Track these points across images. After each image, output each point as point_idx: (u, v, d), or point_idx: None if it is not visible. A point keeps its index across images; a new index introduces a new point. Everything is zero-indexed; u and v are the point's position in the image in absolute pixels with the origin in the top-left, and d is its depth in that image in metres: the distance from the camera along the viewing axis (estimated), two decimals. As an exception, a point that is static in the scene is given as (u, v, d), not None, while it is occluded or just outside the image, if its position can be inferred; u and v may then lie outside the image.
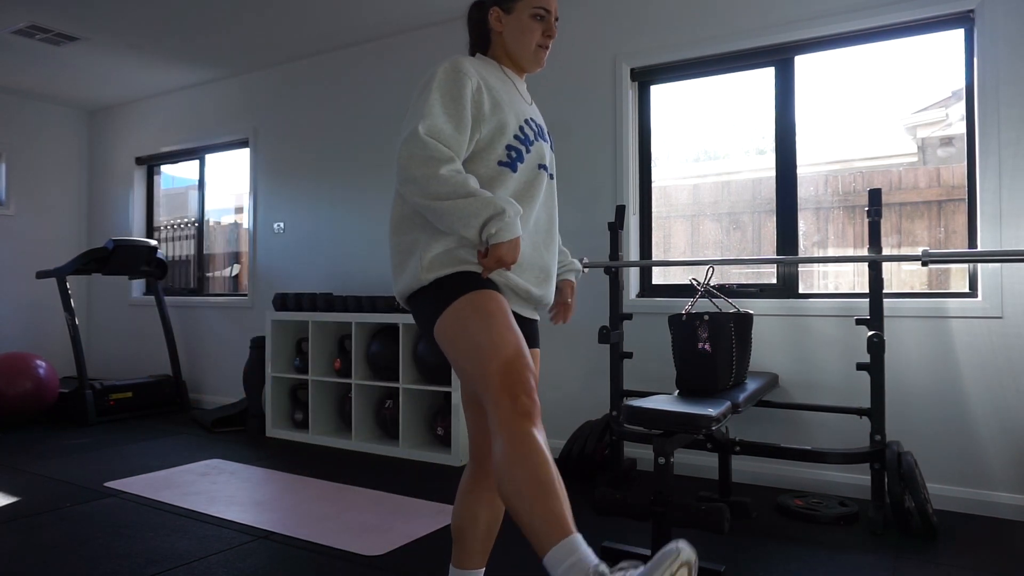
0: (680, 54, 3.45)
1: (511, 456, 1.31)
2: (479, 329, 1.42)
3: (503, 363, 1.38)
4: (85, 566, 2.24)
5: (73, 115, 6.09)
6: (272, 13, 4.07)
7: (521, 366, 1.39)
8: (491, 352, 1.39)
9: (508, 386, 1.36)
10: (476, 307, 1.45)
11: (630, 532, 2.56)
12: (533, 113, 1.71)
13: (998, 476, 2.76)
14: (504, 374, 1.37)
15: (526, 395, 1.36)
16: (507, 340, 1.41)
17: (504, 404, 1.35)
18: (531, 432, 1.33)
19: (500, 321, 1.43)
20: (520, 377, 1.38)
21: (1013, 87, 2.75)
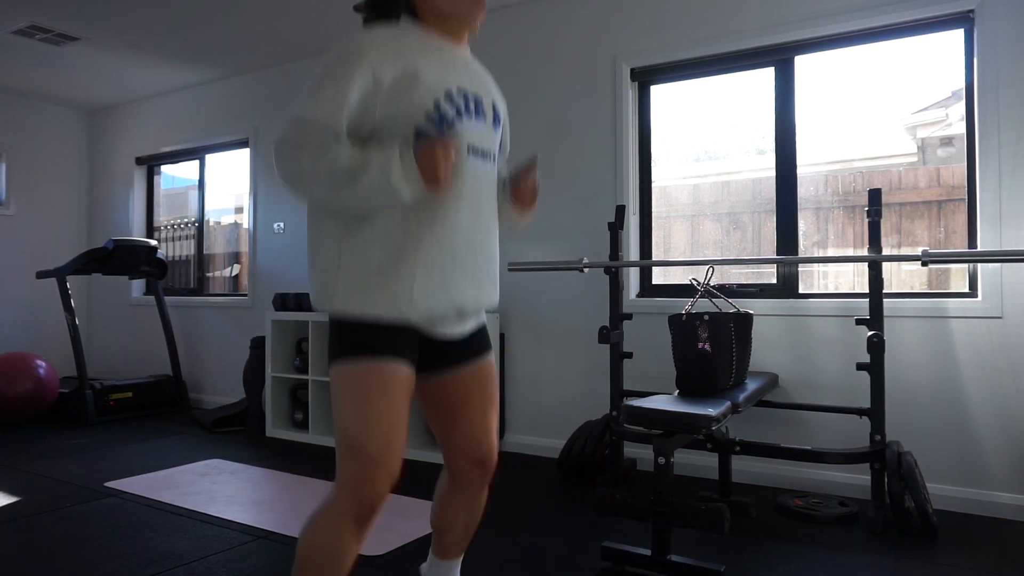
0: (680, 54, 3.45)
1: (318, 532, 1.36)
2: (355, 412, 1.35)
3: (363, 463, 1.35)
4: (85, 566, 2.24)
5: (73, 115, 6.09)
6: (272, 13, 4.07)
7: (377, 474, 1.35)
8: (356, 445, 1.35)
9: (356, 486, 1.35)
10: (362, 385, 1.36)
11: (630, 532, 2.56)
12: (469, 82, 1.48)
13: (998, 476, 2.76)
14: (357, 473, 1.35)
15: (368, 504, 1.35)
16: (375, 437, 1.34)
17: (343, 498, 1.36)
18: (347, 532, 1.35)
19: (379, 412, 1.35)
20: (373, 484, 1.35)
21: (1013, 87, 2.75)
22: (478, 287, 1.50)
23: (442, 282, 1.42)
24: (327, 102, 1.33)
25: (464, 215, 1.45)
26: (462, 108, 1.44)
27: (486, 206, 1.52)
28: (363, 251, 1.38)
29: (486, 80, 1.56)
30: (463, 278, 1.45)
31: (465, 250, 1.45)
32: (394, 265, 1.38)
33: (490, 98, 1.54)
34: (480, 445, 1.58)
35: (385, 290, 1.37)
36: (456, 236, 1.44)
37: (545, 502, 2.92)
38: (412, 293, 1.38)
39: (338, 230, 1.41)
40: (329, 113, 1.32)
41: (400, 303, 1.38)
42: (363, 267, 1.38)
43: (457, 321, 1.51)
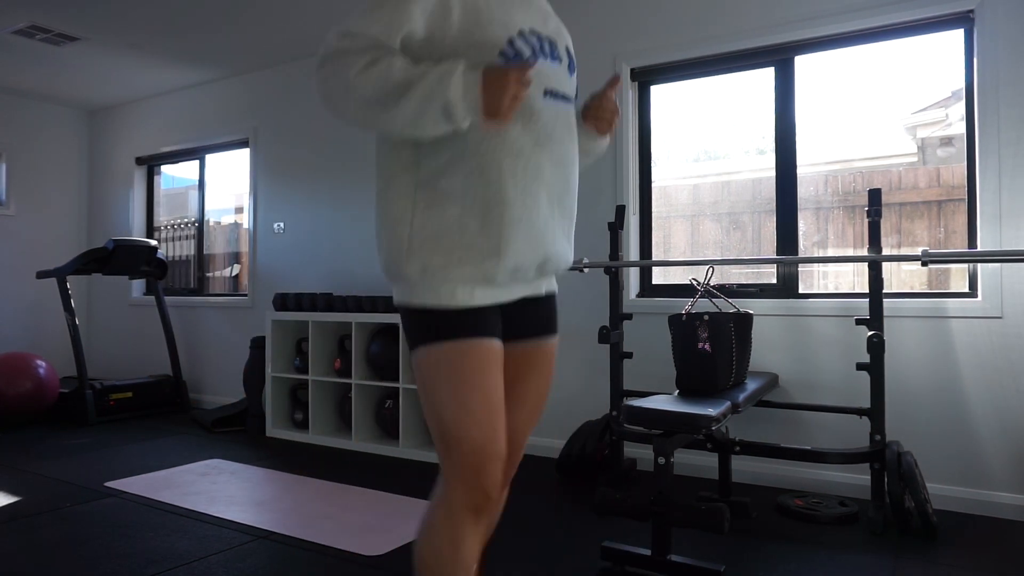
0: (680, 54, 3.45)
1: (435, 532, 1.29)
2: (452, 400, 1.27)
3: (467, 450, 1.27)
4: (85, 566, 2.24)
5: (73, 115, 6.09)
6: (272, 13, 4.07)
7: (484, 458, 1.27)
8: (456, 434, 1.27)
9: (466, 476, 1.28)
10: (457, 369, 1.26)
11: (630, 532, 2.56)
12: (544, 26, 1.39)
13: (998, 476, 2.76)
14: (466, 464, 1.27)
15: (483, 493, 1.28)
16: (479, 423, 1.26)
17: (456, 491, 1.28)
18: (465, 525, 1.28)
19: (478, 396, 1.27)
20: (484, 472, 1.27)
21: (1013, 87, 2.75)
22: (560, 241, 1.38)
23: (529, 236, 1.30)
24: (383, 17, 1.23)
25: (546, 163, 1.33)
26: (537, 48, 1.33)
27: (568, 154, 1.39)
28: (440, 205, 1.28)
29: (560, 25, 1.47)
30: (547, 230, 1.34)
31: (546, 201, 1.34)
32: (481, 222, 1.27)
33: (564, 43, 1.45)
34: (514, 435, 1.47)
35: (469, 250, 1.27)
36: (539, 185, 1.32)
37: (545, 502, 2.92)
38: (500, 250, 1.27)
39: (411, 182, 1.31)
40: (383, 28, 1.22)
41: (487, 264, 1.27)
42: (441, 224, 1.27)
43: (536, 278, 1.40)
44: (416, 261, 1.28)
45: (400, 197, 1.32)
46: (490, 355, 1.29)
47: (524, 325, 1.44)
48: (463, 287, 1.28)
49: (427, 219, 1.28)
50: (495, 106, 1.19)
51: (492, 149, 1.28)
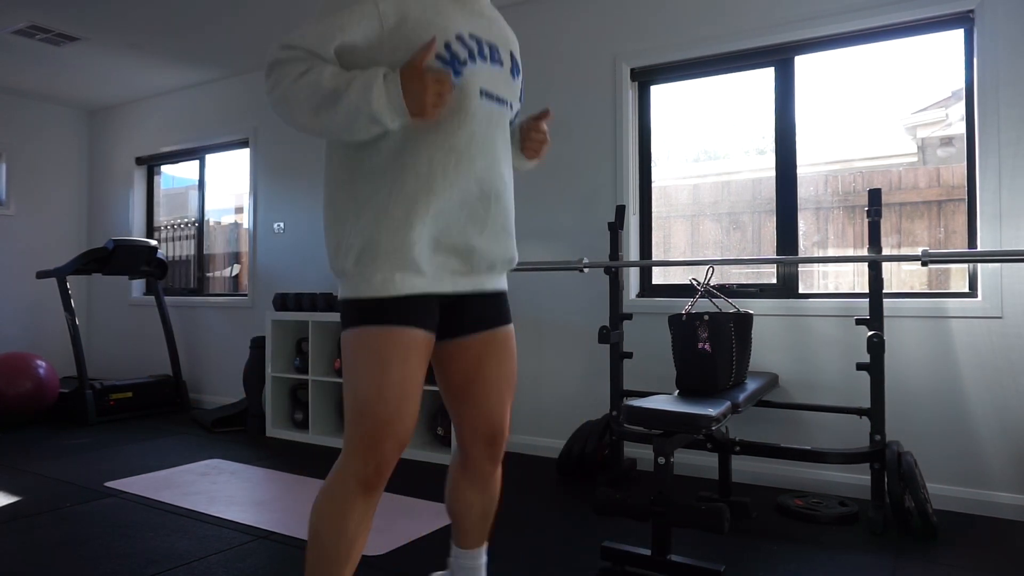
0: (680, 54, 3.45)
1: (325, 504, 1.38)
2: (367, 375, 1.35)
3: (372, 426, 1.34)
4: (85, 566, 2.24)
5: (73, 115, 6.09)
6: (272, 13, 4.07)
7: (386, 435, 1.35)
8: (366, 407, 1.35)
9: (364, 450, 1.35)
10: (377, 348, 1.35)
11: (630, 532, 2.56)
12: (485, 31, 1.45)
13: (998, 476, 2.76)
14: (366, 436, 1.35)
15: (375, 468, 1.35)
16: (387, 400, 1.34)
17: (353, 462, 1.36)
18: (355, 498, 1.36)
19: (392, 376, 1.34)
20: (380, 447, 1.35)
21: (1013, 87, 2.75)
22: (492, 237, 1.46)
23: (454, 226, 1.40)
24: (319, 28, 1.31)
25: (478, 161, 1.41)
26: (475, 51, 1.40)
27: (501, 153, 1.47)
28: (374, 198, 1.36)
29: (505, 30, 1.53)
30: (474, 225, 1.42)
31: (477, 196, 1.42)
32: (404, 212, 1.34)
33: (508, 48, 1.50)
34: (491, 421, 1.56)
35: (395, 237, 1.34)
36: (468, 182, 1.40)
37: (545, 502, 2.92)
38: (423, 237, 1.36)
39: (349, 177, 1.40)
40: (317, 38, 1.31)
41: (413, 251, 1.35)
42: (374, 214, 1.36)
43: (470, 272, 1.47)
44: (352, 254, 1.37)
45: (344, 199, 1.41)
46: (412, 343, 1.37)
47: (473, 321, 1.52)
48: (392, 275, 1.36)
49: (361, 214, 1.37)
50: (419, 106, 1.27)
51: (426, 145, 1.37)
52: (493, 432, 1.57)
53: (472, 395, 1.54)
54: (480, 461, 1.60)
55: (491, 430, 1.57)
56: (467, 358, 1.53)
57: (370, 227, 1.36)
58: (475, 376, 1.54)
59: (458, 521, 1.67)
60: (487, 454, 1.59)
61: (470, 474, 1.62)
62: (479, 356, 1.53)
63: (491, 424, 1.56)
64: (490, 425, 1.56)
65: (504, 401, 1.58)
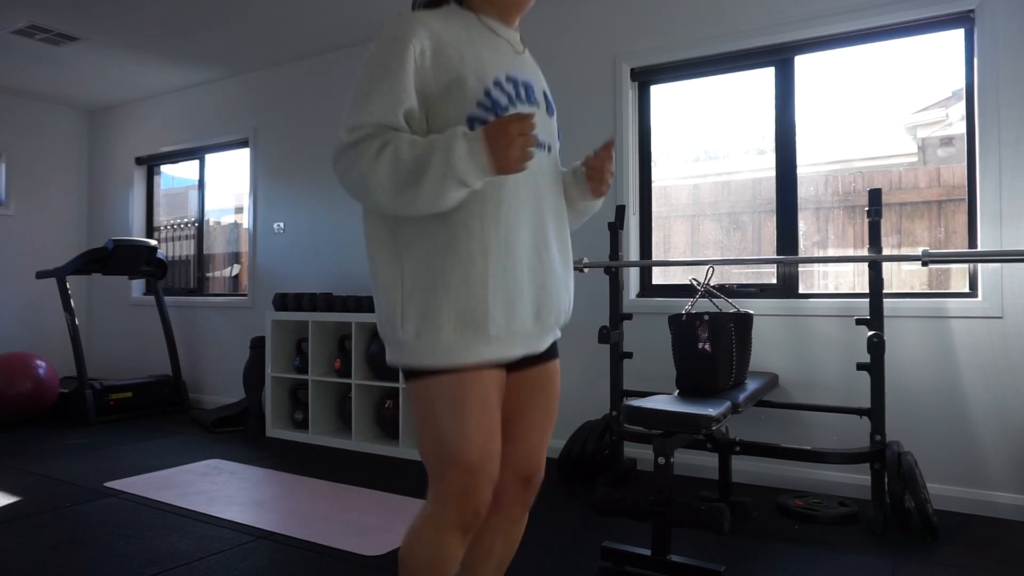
0: (680, 54, 3.45)
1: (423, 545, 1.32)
2: (450, 421, 1.28)
3: (464, 472, 1.29)
4: (85, 566, 2.24)
5: (73, 115, 6.09)
6: (272, 13, 4.07)
7: (479, 481, 1.29)
8: (454, 454, 1.28)
9: (460, 499, 1.30)
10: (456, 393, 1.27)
11: (630, 532, 2.56)
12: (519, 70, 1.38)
13: (998, 476, 2.76)
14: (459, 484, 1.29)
15: (473, 513, 1.30)
16: (475, 445, 1.28)
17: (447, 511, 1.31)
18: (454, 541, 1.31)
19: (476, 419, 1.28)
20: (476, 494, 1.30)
21: (1013, 87, 2.75)
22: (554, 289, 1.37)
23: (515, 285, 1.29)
24: (380, 95, 1.22)
25: (527, 210, 1.32)
26: (513, 95, 1.32)
27: (553, 200, 1.39)
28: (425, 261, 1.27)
29: (535, 67, 1.46)
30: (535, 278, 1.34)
31: (530, 249, 1.33)
32: (463, 275, 1.25)
33: (541, 85, 1.44)
34: (530, 459, 1.47)
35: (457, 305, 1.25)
36: (522, 234, 1.31)
37: (545, 502, 2.92)
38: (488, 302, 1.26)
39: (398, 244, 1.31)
40: (385, 111, 1.22)
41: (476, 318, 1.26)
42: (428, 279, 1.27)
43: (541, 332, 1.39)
44: (410, 323, 1.28)
45: (389, 261, 1.31)
46: (489, 381, 1.30)
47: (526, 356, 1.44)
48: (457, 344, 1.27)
49: (416, 280, 1.28)
50: (505, 162, 1.18)
51: (473, 200, 1.27)
52: (530, 472, 1.48)
53: (513, 431, 1.46)
54: (511, 503, 1.50)
55: (529, 469, 1.48)
56: (515, 393, 1.45)
57: (429, 292, 1.26)
58: (521, 412, 1.46)
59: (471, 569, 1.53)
60: (520, 497, 1.50)
61: (498, 517, 1.51)
62: (529, 391, 1.46)
63: (530, 463, 1.48)
64: (529, 464, 1.48)
65: (545, 439, 1.50)
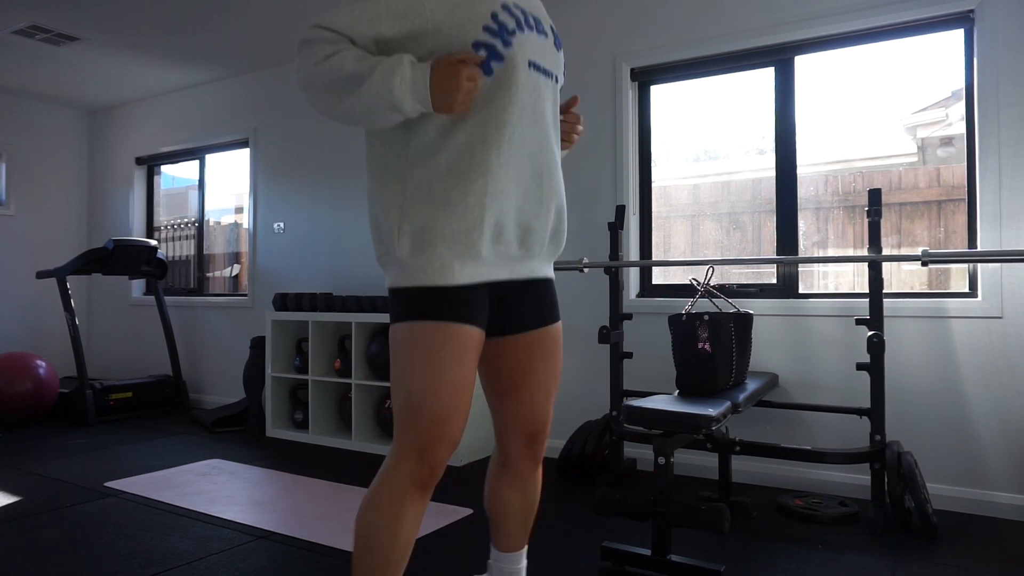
0: (680, 54, 3.45)
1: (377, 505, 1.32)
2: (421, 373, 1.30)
3: (426, 427, 1.30)
4: (85, 566, 2.24)
5: (73, 115, 6.09)
6: (272, 13, 4.07)
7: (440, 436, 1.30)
8: (420, 407, 1.30)
9: (418, 451, 1.31)
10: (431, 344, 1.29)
11: (630, 532, 2.56)
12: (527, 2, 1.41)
13: (998, 476, 2.76)
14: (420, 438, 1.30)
15: (430, 470, 1.31)
16: (442, 400, 1.29)
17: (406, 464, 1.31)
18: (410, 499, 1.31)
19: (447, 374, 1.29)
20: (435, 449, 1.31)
21: (1013, 87, 2.75)
22: (547, 215, 1.41)
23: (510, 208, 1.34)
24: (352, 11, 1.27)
25: (529, 136, 1.36)
26: (521, 20, 1.35)
27: (551, 128, 1.43)
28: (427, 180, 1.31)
29: (542, 7, 1.49)
30: (530, 204, 1.38)
31: (530, 174, 1.37)
32: (462, 194, 1.29)
33: (548, 22, 1.46)
34: (535, 419, 1.52)
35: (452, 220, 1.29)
36: (521, 158, 1.35)
37: (545, 502, 2.92)
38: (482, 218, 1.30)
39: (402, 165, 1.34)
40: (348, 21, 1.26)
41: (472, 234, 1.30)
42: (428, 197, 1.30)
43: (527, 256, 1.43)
44: (406, 240, 1.32)
45: (392, 182, 1.35)
46: (468, 341, 1.32)
47: (526, 317, 1.47)
48: (451, 262, 1.31)
49: (415, 199, 1.31)
50: (447, 103, 1.23)
51: (476, 122, 1.31)
52: (536, 430, 1.53)
53: (518, 393, 1.50)
54: (520, 460, 1.55)
55: (534, 428, 1.53)
56: (517, 356, 1.48)
57: (425, 211, 1.30)
58: (524, 374, 1.49)
59: (498, 523, 1.62)
60: (528, 453, 1.55)
61: (510, 474, 1.58)
62: (530, 354, 1.48)
63: (534, 422, 1.52)
64: (533, 423, 1.52)
65: (550, 399, 1.54)
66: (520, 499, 1.59)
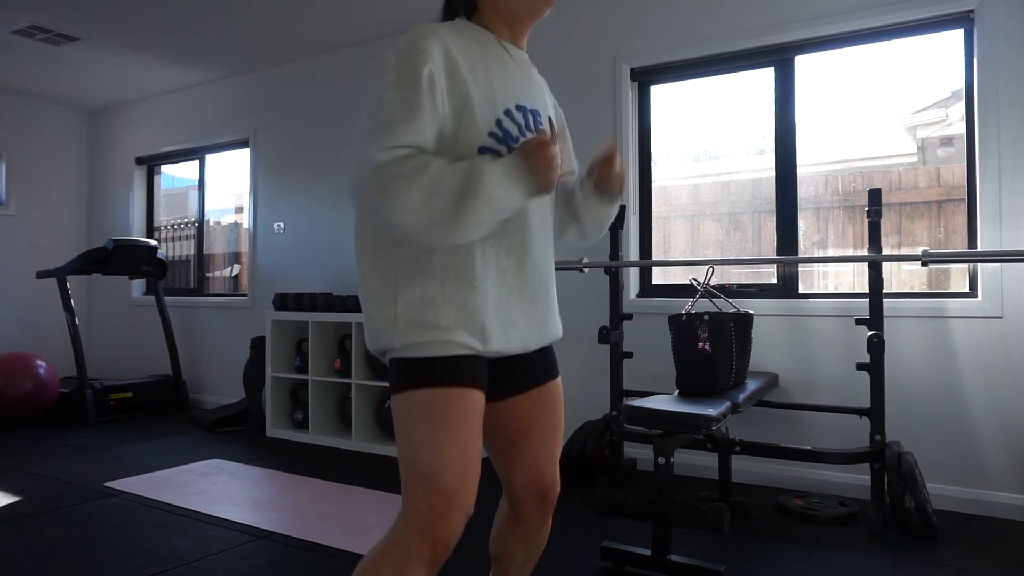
0: (680, 54, 3.45)
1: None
2: (427, 442, 1.23)
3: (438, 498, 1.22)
4: (85, 566, 2.24)
5: (73, 115, 6.09)
6: (272, 13, 4.07)
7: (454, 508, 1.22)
8: (428, 476, 1.22)
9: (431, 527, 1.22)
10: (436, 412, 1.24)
11: (630, 532, 2.56)
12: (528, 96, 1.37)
13: (998, 476, 2.76)
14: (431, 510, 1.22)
15: (443, 545, 1.22)
16: (452, 469, 1.22)
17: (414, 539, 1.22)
18: None
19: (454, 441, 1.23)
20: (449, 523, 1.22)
21: (1013, 87, 2.75)
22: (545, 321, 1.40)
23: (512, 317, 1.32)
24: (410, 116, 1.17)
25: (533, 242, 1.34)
26: (523, 125, 1.33)
27: (548, 232, 1.42)
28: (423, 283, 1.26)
29: (543, 90, 1.47)
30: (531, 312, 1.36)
31: (535, 281, 1.36)
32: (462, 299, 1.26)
33: (547, 111, 1.44)
34: (543, 477, 1.47)
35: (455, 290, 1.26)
36: (524, 266, 1.33)
37: (545, 502, 2.92)
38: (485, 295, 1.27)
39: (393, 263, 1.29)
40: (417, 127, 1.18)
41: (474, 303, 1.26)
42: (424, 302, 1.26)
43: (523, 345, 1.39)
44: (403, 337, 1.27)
45: (385, 279, 1.29)
46: (472, 405, 1.27)
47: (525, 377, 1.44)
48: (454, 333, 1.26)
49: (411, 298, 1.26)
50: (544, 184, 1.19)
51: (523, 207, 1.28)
52: (544, 488, 1.48)
53: (522, 453, 1.46)
54: (531, 516, 1.51)
55: (542, 487, 1.48)
56: (517, 418, 1.44)
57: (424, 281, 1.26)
58: (526, 434, 1.44)
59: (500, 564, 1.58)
60: (538, 510, 1.50)
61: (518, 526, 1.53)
62: (531, 415, 1.44)
63: (542, 481, 1.48)
64: (541, 482, 1.48)
65: (555, 456, 1.50)
66: (524, 550, 1.55)
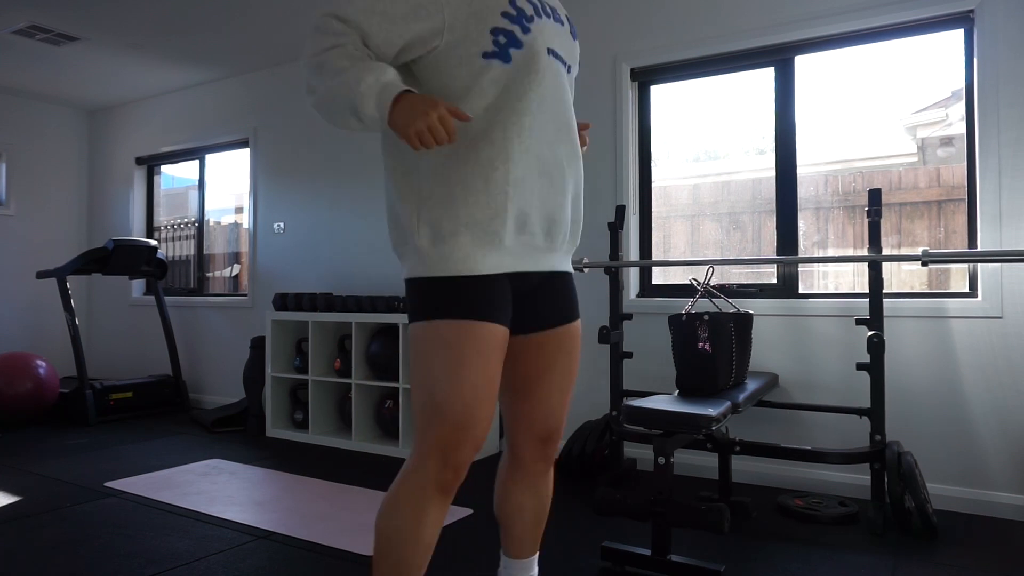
0: (680, 54, 3.45)
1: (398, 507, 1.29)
2: (445, 373, 1.26)
3: (450, 429, 1.27)
4: (85, 566, 2.24)
5: (73, 115, 6.09)
6: (272, 13, 4.07)
7: (465, 439, 1.27)
8: (442, 406, 1.26)
9: (441, 454, 1.27)
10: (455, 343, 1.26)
11: (630, 532, 2.56)
12: None
13: (998, 476, 2.76)
14: (442, 437, 1.27)
15: (454, 472, 1.28)
16: (464, 398, 1.26)
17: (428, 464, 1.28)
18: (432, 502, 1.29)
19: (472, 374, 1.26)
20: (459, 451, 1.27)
21: (1013, 87, 2.75)
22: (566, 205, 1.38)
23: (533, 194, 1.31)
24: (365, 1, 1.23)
25: (549, 124, 1.34)
26: (539, 7, 1.34)
27: (569, 116, 1.40)
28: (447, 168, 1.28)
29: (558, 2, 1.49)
30: (552, 191, 1.35)
31: (553, 162, 1.34)
32: (484, 182, 1.26)
33: (563, 12, 1.46)
34: (549, 419, 1.49)
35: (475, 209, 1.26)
36: (542, 146, 1.32)
37: (545, 502, 2.92)
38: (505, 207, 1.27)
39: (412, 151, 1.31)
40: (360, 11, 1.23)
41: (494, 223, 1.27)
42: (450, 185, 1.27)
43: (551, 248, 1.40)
44: (426, 228, 1.28)
45: (410, 170, 1.32)
46: (492, 340, 1.29)
47: (547, 314, 1.45)
48: (474, 251, 1.28)
49: (436, 186, 1.28)
50: (403, 120, 1.18)
51: (496, 109, 1.29)
52: (550, 430, 1.50)
53: (535, 392, 1.47)
54: (532, 461, 1.52)
55: (548, 428, 1.50)
56: (537, 355, 1.45)
57: (447, 199, 1.27)
58: (543, 374, 1.46)
59: (509, 528, 1.58)
60: (540, 453, 1.52)
61: (521, 476, 1.54)
62: (551, 353, 1.45)
63: (549, 422, 1.49)
64: (547, 423, 1.49)
65: (565, 399, 1.51)
66: (532, 502, 1.55)
